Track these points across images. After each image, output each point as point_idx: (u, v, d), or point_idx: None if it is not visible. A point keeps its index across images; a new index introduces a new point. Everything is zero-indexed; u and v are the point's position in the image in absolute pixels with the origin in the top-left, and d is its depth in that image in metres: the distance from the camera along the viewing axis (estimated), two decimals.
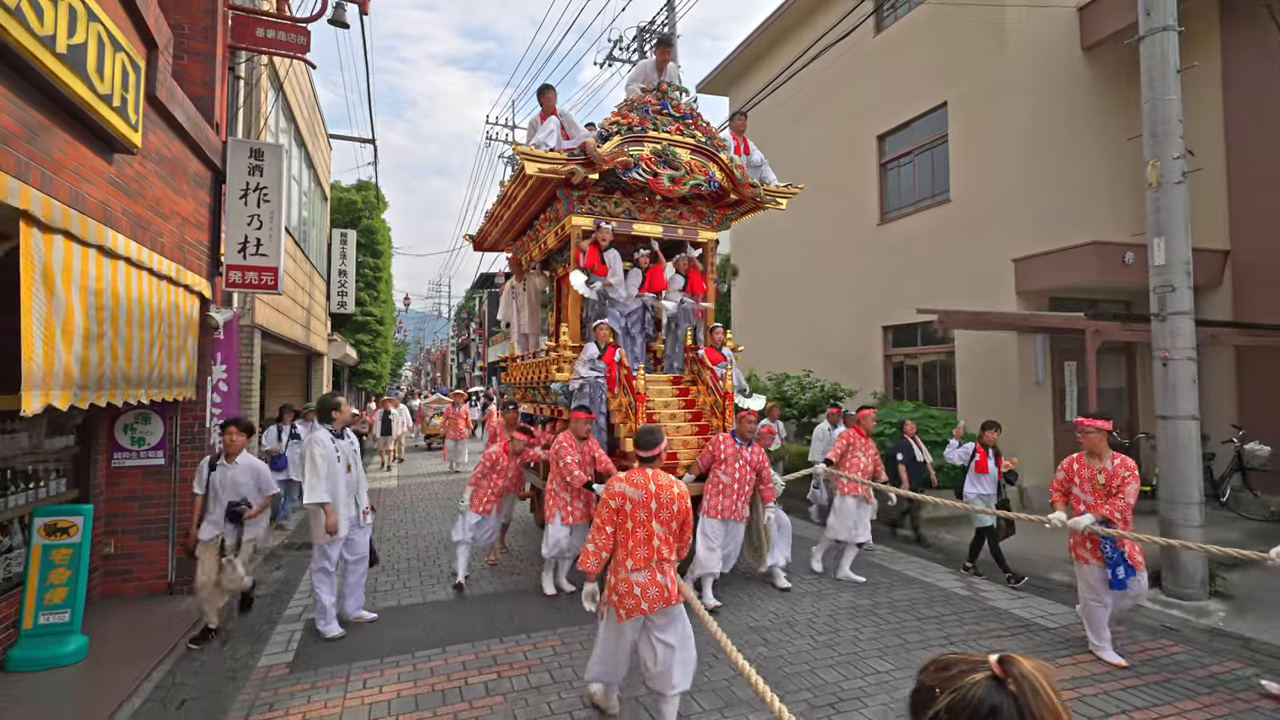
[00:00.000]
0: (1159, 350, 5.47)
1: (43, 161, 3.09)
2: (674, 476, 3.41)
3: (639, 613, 3.16)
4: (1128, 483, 4.21)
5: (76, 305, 3.30)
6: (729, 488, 5.35)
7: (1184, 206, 5.40)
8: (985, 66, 9.18)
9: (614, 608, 3.21)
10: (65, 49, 2.97)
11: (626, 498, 3.24)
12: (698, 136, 6.42)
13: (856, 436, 6.28)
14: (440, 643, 4.54)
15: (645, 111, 6.29)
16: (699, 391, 6.54)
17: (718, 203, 6.97)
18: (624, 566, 3.20)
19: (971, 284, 9.24)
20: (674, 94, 6.47)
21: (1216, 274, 8.34)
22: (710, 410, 6.27)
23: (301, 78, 10.62)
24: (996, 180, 9.06)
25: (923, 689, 0.92)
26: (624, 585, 3.18)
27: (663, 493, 3.25)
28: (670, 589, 3.20)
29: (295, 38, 6.38)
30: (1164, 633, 4.78)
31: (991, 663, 0.86)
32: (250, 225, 5.78)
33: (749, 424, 5.42)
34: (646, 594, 3.15)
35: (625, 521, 3.24)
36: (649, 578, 3.17)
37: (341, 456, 4.68)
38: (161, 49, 4.27)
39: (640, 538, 3.21)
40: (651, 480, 3.28)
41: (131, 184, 4.09)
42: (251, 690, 3.89)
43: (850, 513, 6.08)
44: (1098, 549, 4.25)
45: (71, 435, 4.93)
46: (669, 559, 3.25)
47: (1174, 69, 5.42)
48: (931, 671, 0.92)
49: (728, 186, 6.59)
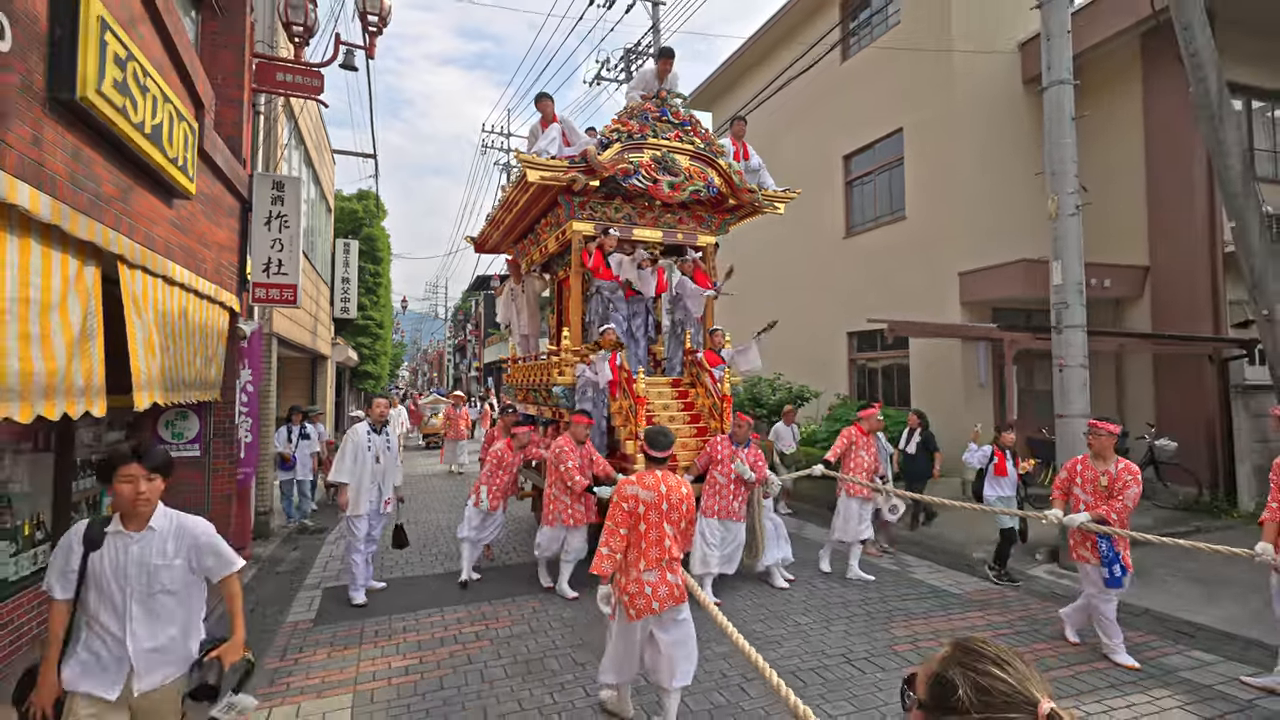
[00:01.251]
0: (1057, 358, 6.36)
1: (130, 214, 3.94)
2: (683, 479, 3.53)
3: (650, 612, 3.21)
4: (1129, 486, 4.23)
5: (152, 325, 4.15)
6: (725, 488, 5.47)
7: (1077, 235, 6.29)
8: (936, 97, 10.08)
9: (625, 607, 3.26)
10: (150, 129, 3.83)
11: (640, 500, 3.26)
12: (696, 143, 6.53)
13: (858, 435, 6.24)
14: (438, 604, 5.41)
15: (645, 119, 6.39)
16: (698, 394, 6.58)
17: (717, 208, 7.10)
18: (636, 567, 3.24)
19: (924, 294, 10.13)
20: (673, 101, 6.58)
21: (1138, 287, 9.25)
22: (709, 412, 6.29)
23: (310, 105, 11.47)
24: (946, 200, 9.96)
25: (948, 685, 0.87)
26: (635, 585, 3.23)
27: (672, 493, 3.31)
28: (679, 587, 3.29)
29: (310, 80, 7.22)
30: (1052, 598, 5.66)
31: (1041, 712, 0.82)
32: (273, 248, 6.63)
33: (744, 427, 5.57)
34: (658, 593, 3.22)
35: (639, 524, 3.26)
36: (659, 577, 3.24)
37: (373, 448, 5.43)
38: (207, 109, 5.13)
39: (653, 539, 3.25)
40: (662, 481, 3.32)
41: (185, 222, 4.95)
42: (283, 639, 4.75)
43: (854, 514, 6.09)
44: (1096, 548, 4.31)
45: (123, 430, 5.78)
46: (677, 557, 3.33)
47: (1069, 116, 6.31)
48: (966, 678, 0.86)
49: (726, 192, 6.71)
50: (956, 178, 9.78)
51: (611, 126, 6.34)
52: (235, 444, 6.38)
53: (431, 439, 18.39)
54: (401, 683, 4.01)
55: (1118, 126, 9.61)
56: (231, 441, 6.36)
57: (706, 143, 6.59)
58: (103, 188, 3.60)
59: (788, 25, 13.19)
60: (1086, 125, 10.12)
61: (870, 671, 4.14)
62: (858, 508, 6.11)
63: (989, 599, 5.59)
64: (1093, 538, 4.28)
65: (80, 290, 3.31)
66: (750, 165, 7.07)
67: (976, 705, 0.84)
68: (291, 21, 7.04)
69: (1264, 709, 3.65)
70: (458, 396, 14.99)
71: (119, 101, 3.43)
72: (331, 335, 14.87)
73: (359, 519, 5.40)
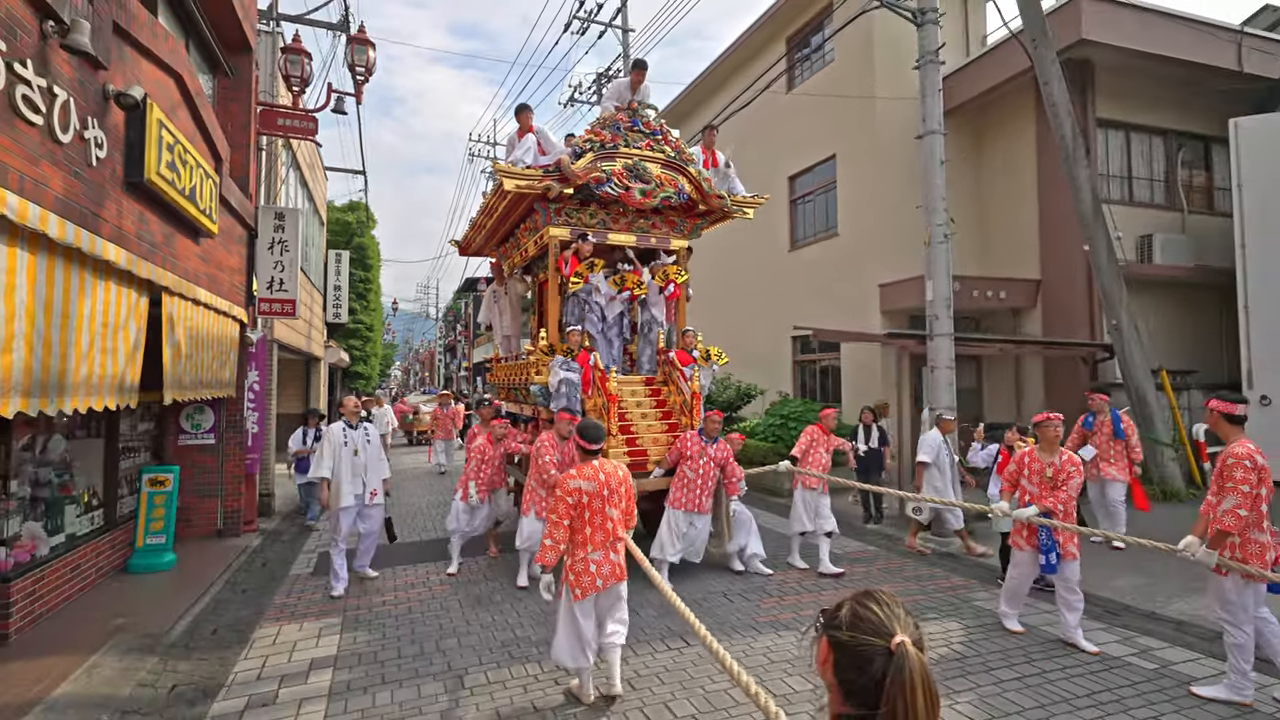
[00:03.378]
0: (930, 361, 7.65)
1: (172, 254, 5.17)
2: (618, 463, 3.81)
3: (594, 590, 3.49)
4: (1072, 477, 4.38)
5: (181, 337, 5.38)
6: (693, 482, 5.68)
7: (945, 260, 7.57)
8: (862, 128, 11.38)
9: (571, 588, 3.51)
10: (189, 191, 5.06)
11: (583, 491, 3.49)
12: (667, 151, 6.77)
13: (820, 434, 6.47)
14: (413, 562, 6.64)
15: (617, 129, 6.62)
16: (669, 392, 6.81)
17: (688, 213, 7.36)
18: (584, 549, 3.51)
19: (854, 303, 11.44)
20: (644, 111, 6.82)
21: (1032, 298, 10.58)
22: (680, 409, 6.52)
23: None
24: (870, 219, 11.27)
25: (835, 616, 1.09)
26: (581, 565, 3.50)
27: (612, 479, 3.58)
28: (620, 566, 3.58)
29: (306, 124, 8.45)
30: (921, 559, 6.93)
31: (893, 643, 1.01)
32: (275, 269, 7.86)
33: (714, 424, 5.80)
34: (602, 571, 3.51)
35: (583, 512, 3.50)
36: (604, 556, 3.53)
37: (350, 443, 5.62)
38: (224, 161, 6.36)
39: (597, 524, 3.52)
40: (600, 470, 3.56)
41: (207, 254, 6.18)
42: (289, 583, 5.98)
43: (810, 507, 6.28)
44: (1034, 536, 4.48)
45: (152, 422, 6.99)
46: (621, 538, 3.61)
47: (939, 161, 7.59)
48: (850, 608, 1.08)
49: (697, 198, 6.95)
50: (878, 200, 11.08)
51: (585, 136, 6.58)
52: (244, 434, 7.60)
53: (422, 435, 19.20)
54: (379, 609, 5.26)
55: (1017, 157, 10.94)
56: (241, 432, 7.59)
57: (677, 151, 6.85)
58: (156, 238, 4.85)
59: (740, 58, 14.50)
60: (994, 155, 11.51)
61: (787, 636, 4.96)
62: (813, 500, 6.29)
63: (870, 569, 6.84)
64: (1034, 527, 4.46)
65: (136, 314, 4.57)
66: (720, 171, 7.36)
67: (849, 625, 1.07)
68: (290, 74, 8.28)
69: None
70: (444, 396, 15.93)
71: (169, 176, 4.68)
72: (325, 339, 16.06)
73: (343, 512, 5.56)
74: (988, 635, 4.69)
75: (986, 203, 11.58)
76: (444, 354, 56.57)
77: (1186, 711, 3.56)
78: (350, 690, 3.90)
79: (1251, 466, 3.51)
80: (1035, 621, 4.87)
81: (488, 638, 4.68)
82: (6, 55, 2.95)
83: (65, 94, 3.47)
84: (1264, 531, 3.59)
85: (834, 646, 1.08)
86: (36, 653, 4.20)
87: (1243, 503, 3.48)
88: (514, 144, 6.92)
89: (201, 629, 4.90)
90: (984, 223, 11.58)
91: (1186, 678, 3.94)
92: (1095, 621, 4.82)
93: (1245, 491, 3.48)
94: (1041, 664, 4.19)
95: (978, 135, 11.65)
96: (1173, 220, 10.56)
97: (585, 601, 3.52)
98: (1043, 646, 4.47)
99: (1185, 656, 4.26)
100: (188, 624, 4.93)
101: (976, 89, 10.86)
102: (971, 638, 4.65)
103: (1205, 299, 10.28)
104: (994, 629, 4.78)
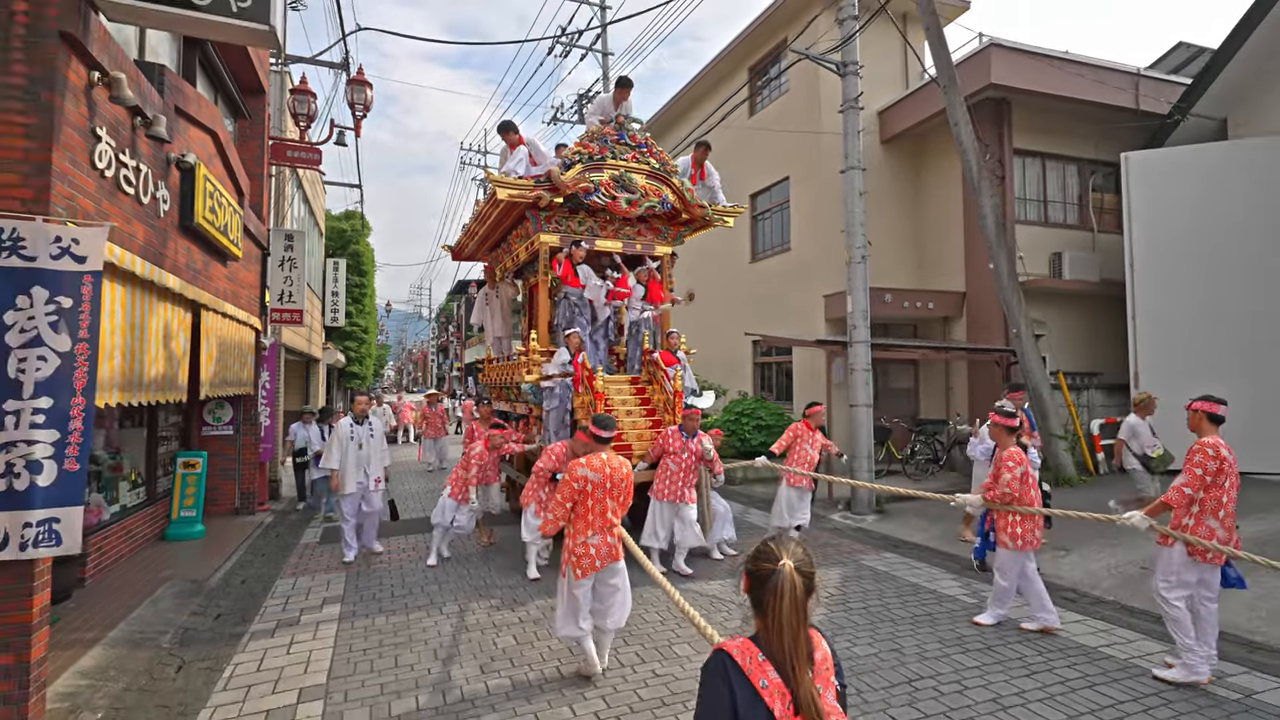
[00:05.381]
0: (850, 364, 8.90)
1: (208, 277, 6.36)
2: (623, 458, 4.08)
3: (594, 570, 3.82)
4: (1003, 471, 4.62)
5: (214, 345, 6.57)
6: (675, 474, 5.99)
7: (863, 277, 8.81)
8: (812, 152, 12.63)
9: (573, 568, 3.84)
10: (223, 227, 6.25)
11: (589, 480, 3.82)
12: (652, 163, 7.15)
13: (805, 430, 6.66)
14: (406, 533, 7.85)
15: (604, 142, 6.99)
16: (654, 391, 7.10)
17: (672, 221, 7.78)
18: (583, 534, 3.84)
19: (804, 311, 12.69)
20: (630, 125, 7.24)
21: (958, 308, 11.86)
22: (663, 407, 6.82)
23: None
24: (818, 236, 12.52)
25: (749, 556, 1.58)
26: (581, 549, 3.83)
27: (615, 474, 3.90)
28: (616, 547, 3.93)
29: (311, 155, 9.64)
30: (836, 532, 8.18)
31: (778, 560, 1.49)
32: (285, 283, 9.05)
33: (693, 420, 6.14)
34: (600, 553, 3.84)
35: (586, 499, 3.83)
36: (601, 540, 3.86)
37: (355, 437, 6.43)
38: (246, 195, 7.54)
39: (597, 511, 3.85)
40: (607, 464, 3.88)
41: (231, 274, 7.36)
42: (299, 551, 7.18)
43: (793, 503, 6.58)
44: (972, 525, 4.95)
45: (180, 414, 8.16)
46: (616, 523, 3.95)
47: (858, 192, 8.83)
48: (756, 547, 1.59)
49: (680, 207, 7.38)
50: (824, 220, 12.33)
51: (574, 149, 6.92)
52: (258, 426, 8.79)
53: (397, 431, 19.57)
54: (377, 566, 6.47)
55: (946, 182, 12.22)
56: (255, 424, 8.78)
57: (661, 163, 7.26)
58: (197, 265, 6.05)
59: (710, 82, 15.78)
60: (929, 179, 12.79)
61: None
62: (796, 497, 6.55)
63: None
64: (971, 517, 4.86)
65: (184, 327, 5.77)
66: (708, 184, 7.81)
67: (753, 558, 1.55)
68: (297, 112, 9.46)
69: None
70: (432, 395, 16.53)
71: (210, 218, 5.88)
72: (323, 341, 17.21)
73: (348, 498, 6.39)
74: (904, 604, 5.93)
75: (923, 221, 12.86)
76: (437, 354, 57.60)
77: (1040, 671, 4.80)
78: (355, 616, 5.12)
79: (1213, 455, 3.71)
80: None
81: (463, 584, 5.90)
82: (115, 148, 4.14)
83: (146, 168, 4.67)
84: (1219, 523, 3.74)
85: (748, 575, 1.55)
86: (109, 592, 5.40)
87: (1191, 482, 3.72)
88: (506, 155, 7.30)
89: (233, 580, 6.11)
90: (920, 239, 12.87)
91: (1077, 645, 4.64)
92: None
93: (1198, 474, 3.72)
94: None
95: (916, 160, 12.93)
96: (1084, 239, 11.85)
97: (584, 581, 3.85)
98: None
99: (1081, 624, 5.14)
100: (222, 575, 6.13)
101: (912, 120, 12.12)
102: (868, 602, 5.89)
103: (1109, 309, 11.56)
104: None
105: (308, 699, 3.78)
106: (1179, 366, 9.68)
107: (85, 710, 3.54)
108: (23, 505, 3.20)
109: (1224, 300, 9.72)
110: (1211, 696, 3.69)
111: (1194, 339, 9.80)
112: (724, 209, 7.89)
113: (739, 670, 1.46)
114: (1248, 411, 8.32)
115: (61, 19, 3.40)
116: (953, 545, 6.74)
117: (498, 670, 4.12)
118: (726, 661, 1.48)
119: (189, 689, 3.94)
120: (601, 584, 3.93)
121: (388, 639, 4.64)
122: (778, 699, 1.42)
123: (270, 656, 4.37)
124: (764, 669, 1.45)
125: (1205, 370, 9.24)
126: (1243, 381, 9.06)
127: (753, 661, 1.46)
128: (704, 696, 1.49)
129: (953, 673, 4.03)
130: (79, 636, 4.47)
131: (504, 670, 4.12)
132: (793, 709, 1.41)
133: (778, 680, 1.44)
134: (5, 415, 3.19)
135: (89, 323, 3.44)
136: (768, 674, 1.45)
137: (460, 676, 4.04)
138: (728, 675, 1.47)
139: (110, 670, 4.04)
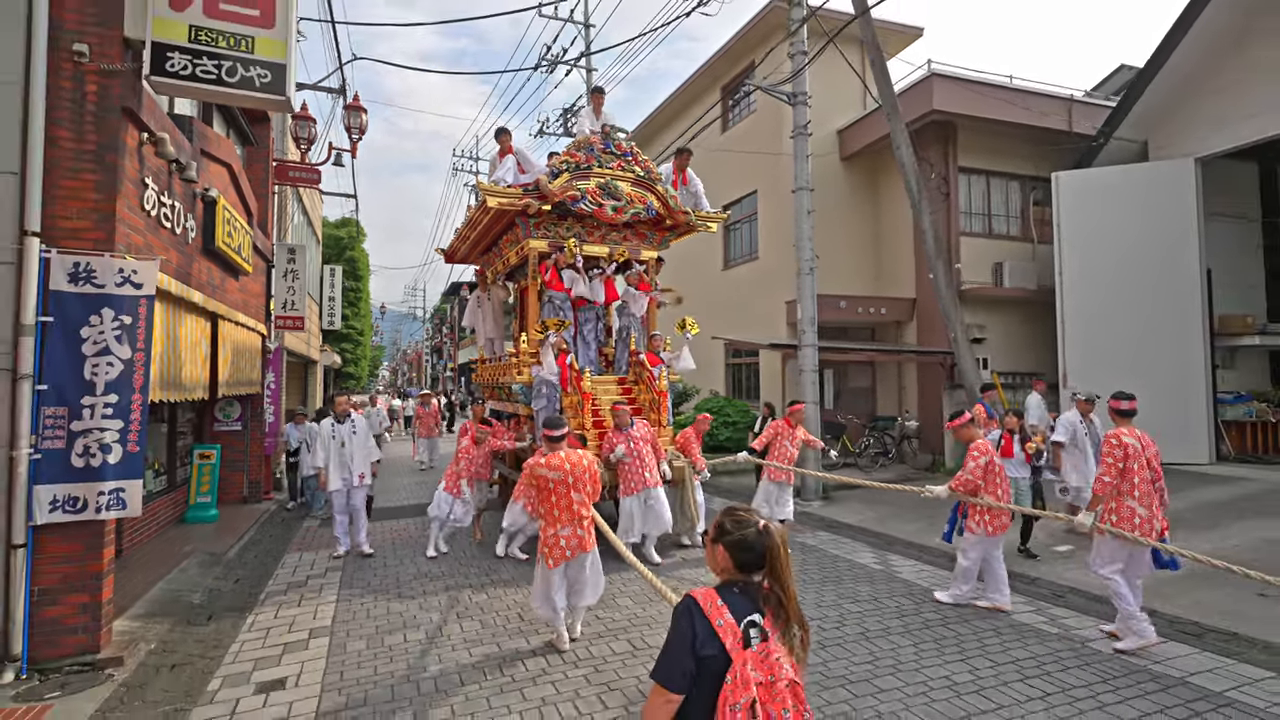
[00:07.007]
0: (800, 365, 9.87)
1: (224, 290, 7.28)
2: (584, 451, 4.29)
3: (564, 559, 4.12)
4: (968, 461, 4.91)
5: (229, 350, 7.49)
6: (632, 465, 6.13)
7: (811, 287, 9.76)
8: (776, 167, 13.60)
9: (545, 558, 4.13)
10: (237, 247, 7.18)
11: (548, 479, 4.07)
12: (637, 171, 7.39)
13: (786, 428, 6.84)
14: (397, 518, 8.78)
15: (591, 150, 7.22)
16: (640, 390, 7.31)
17: (657, 226, 8.03)
18: (554, 527, 4.14)
19: (769, 316, 13.66)
20: (616, 135, 7.49)
21: (909, 313, 12.85)
22: (649, 406, 6.95)
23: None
24: (783, 246, 13.47)
25: (720, 529, 1.75)
26: (552, 540, 4.14)
27: (576, 468, 4.11)
28: (586, 538, 4.19)
29: (311, 175, 10.56)
30: None
31: (760, 525, 1.69)
32: (288, 293, 9.96)
33: (622, 414, 6.27)
34: (570, 544, 4.14)
35: (550, 496, 4.08)
36: (571, 531, 4.14)
37: (337, 436, 6.65)
38: (254, 214, 8.46)
39: (564, 505, 4.12)
40: (566, 460, 4.08)
41: (242, 286, 8.28)
42: (302, 533, 8.11)
43: (772, 497, 6.83)
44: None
45: (194, 412, 9.07)
46: (586, 515, 4.19)
47: (807, 211, 9.80)
48: (729, 518, 1.77)
49: (664, 213, 7.62)
50: (788, 231, 13.26)
51: (561, 158, 7.18)
52: (264, 423, 9.70)
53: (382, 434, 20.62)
54: (373, 542, 7.41)
55: (899, 195, 13.17)
56: (261, 421, 9.69)
57: (646, 171, 7.50)
58: (215, 280, 6.98)
59: (686, 99, 16.78)
60: (886, 192, 13.77)
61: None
62: (777, 491, 6.79)
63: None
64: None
65: (205, 335, 6.70)
66: (690, 189, 8.10)
67: (731, 527, 1.76)
68: (298, 136, 10.36)
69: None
70: (425, 395, 17.43)
71: (227, 240, 6.81)
72: (320, 344, 18.11)
73: (336, 494, 6.69)
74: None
75: (880, 233, 13.85)
76: (431, 355, 58.41)
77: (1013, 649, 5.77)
78: (355, 575, 6.06)
79: (1115, 444, 4.27)
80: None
81: (443, 558, 6.85)
82: (158, 192, 5.07)
83: (179, 204, 5.60)
84: (1137, 501, 4.21)
85: (726, 546, 1.76)
86: (142, 564, 6.32)
87: (1107, 471, 4.28)
88: (495, 164, 7.58)
89: (247, 554, 7.04)
90: (877, 249, 13.86)
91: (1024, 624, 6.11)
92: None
93: (1109, 463, 4.28)
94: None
95: (873, 176, 13.92)
96: (1024, 250, 12.85)
97: (556, 569, 4.17)
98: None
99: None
100: (237, 550, 7.06)
101: (869, 138, 13.11)
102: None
103: (1046, 314, 12.54)
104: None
105: (317, 636, 4.73)
106: (1103, 366, 10.70)
107: (141, 641, 4.48)
108: (98, 478, 4.13)
109: (1131, 306, 10.76)
110: (1153, 673, 3.87)
111: (1112, 341, 10.82)
112: (707, 214, 8.15)
113: (701, 612, 1.73)
114: (1148, 404, 9.31)
115: (123, 96, 4.33)
116: (883, 525, 7.73)
117: (470, 615, 5.07)
118: (692, 605, 1.75)
119: (220, 630, 4.87)
120: (573, 570, 4.31)
121: (381, 595, 5.59)
122: (729, 634, 1.69)
123: (284, 609, 5.31)
124: (721, 611, 1.72)
125: (1124, 370, 10.26)
126: (1133, 379, 10.07)
127: (713, 606, 1.73)
128: (672, 631, 1.76)
129: (859, 634, 5.00)
130: (123, 594, 5.39)
131: (475, 615, 5.07)
132: (741, 644, 1.69)
133: (731, 621, 1.71)
134: (84, 408, 4.12)
135: (144, 335, 4.37)
136: (724, 615, 1.71)
137: (439, 619, 4.99)
138: (691, 616, 1.73)
139: (155, 616, 4.98)
